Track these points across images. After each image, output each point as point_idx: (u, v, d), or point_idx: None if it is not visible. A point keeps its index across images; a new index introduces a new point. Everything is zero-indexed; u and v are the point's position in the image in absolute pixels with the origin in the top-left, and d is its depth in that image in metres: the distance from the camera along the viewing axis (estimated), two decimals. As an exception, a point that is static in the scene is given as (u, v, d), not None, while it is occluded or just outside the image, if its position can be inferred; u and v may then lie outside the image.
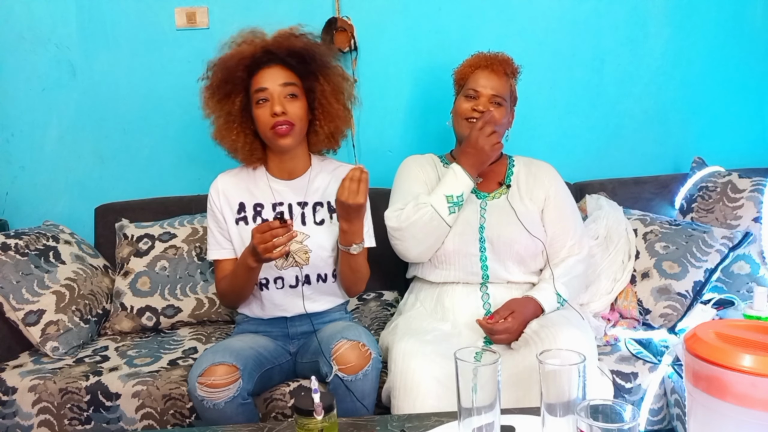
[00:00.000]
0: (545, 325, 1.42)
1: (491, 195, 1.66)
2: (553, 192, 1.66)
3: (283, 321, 1.58)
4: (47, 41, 2.15)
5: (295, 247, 1.51)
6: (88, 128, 2.20)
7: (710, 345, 0.81)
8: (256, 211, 1.55)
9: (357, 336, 1.38)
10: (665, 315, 1.68)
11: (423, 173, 1.70)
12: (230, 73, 1.49)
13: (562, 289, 1.55)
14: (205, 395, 1.31)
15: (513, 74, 1.69)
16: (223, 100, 1.52)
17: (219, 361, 1.33)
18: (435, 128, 2.14)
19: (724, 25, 2.19)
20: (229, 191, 1.57)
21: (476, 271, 1.58)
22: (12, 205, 2.24)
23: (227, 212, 1.55)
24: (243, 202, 1.56)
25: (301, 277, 1.53)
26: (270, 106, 1.46)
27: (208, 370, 1.32)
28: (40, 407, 1.56)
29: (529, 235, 1.58)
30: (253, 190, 1.57)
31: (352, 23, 2.11)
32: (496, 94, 1.62)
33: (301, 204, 1.56)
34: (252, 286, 1.52)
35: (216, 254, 1.57)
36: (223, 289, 1.57)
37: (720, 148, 2.22)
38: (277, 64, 1.49)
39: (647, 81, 2.22)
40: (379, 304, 1.99)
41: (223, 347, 1.40)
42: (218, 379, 1.31)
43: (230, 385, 1.32)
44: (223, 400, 1.31)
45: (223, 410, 1.32)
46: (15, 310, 1.72)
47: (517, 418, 1.09)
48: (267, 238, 1.32)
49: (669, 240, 1.79)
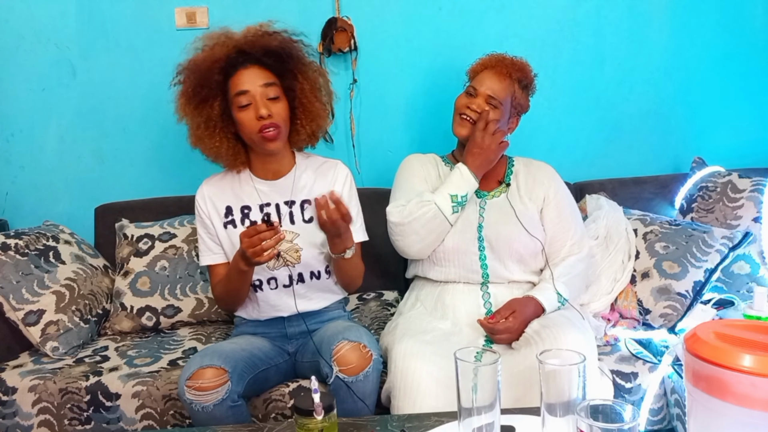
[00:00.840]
0: (546, 326, 1.42)
1: (490, 194, 1.66)
2: (553, 192, 1.66)
3: (281, 321, 1.58)
4: (47, 41, 2.15)
5: (286, 246, 1.50)
6: (87, 128, 2.20)
7: (710, 345, 0.81)
8: (244, 214, 1.54)
9: (358, 337, 1.37)
10: (665, 315, 1.68)
11: (424, 170, 1.70)
12: (205, 76, 1.44)
13: (563, 288, 1.55)
14: (194, 398, 1.31)
15: (521, 81, 1.65)
16: (200, 105, 1.47)
17: (207, 364, 1.33)
18: (435, 128, 2.14)
19: (725, 25, 2.19)
20: (215, 196, 1.56)
21: (476, 269, 1.58)
22: (12, 205, 2.24)
23: (215, 217, 1.55)
24: (230, 206, 1.55)
25: (294, 276, 1.53)
26: (254, 109, 1.42)
27: (196, 373, 1.32)
28: (40, 407, 1.56)
29: (528, 234, 1.58)
30: (238, 193, 1.55)
31: (352, 23, 2.11)
32: (492, 95, 1.60)
33: (288, 203, 1.55)
34: (247, 288, 1.52)
35: (208, 260, 1.57)
36: (219, 294, 1.57)
37: (720, 148, 2.22)
38: (253, 65, 1.44)
39: (647, 81, 2.22)
40: (379, 304, 1.99)
41: (212, 350, 1.39)
42: (206, 382, 1.31)
43: (218, 387, 1.31)
44: (211, 402, 1.31)
45: (213, 413, 1.31)
46: (15, 310, 1.72)
47: (517, 418, 1.09)
48: (255, 242, 1.32)
49: (669, 240, 1.79)
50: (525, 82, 1.67)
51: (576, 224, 1.67)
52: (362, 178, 2.19)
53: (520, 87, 1.65)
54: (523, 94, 1.67)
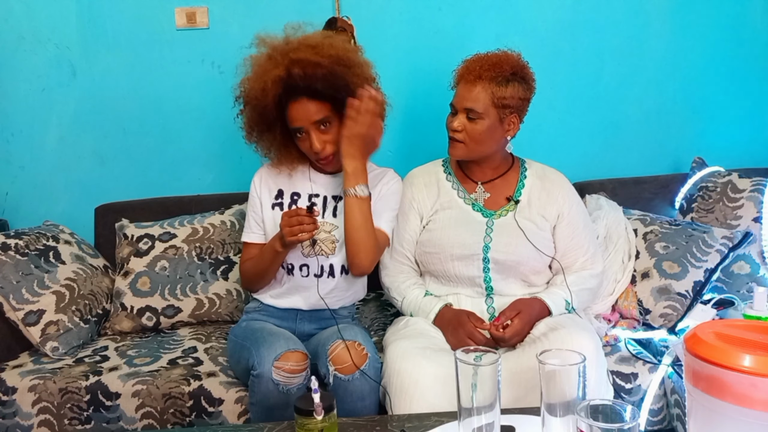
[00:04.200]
0: (554, 328, 1.40)
1: (497, 213, 1.59)
2: (567, 208, 1.60)
3: (293, 317, 1.59)
4: (47, 41, 2.15)
5: (323, 236, 1.53)
6: (88, 128, 2.20)
7: (710, 345, 0.81)
8: (293, 200, 1.59)
9: (353, 336, 1.40)
10: (665, 315, 1.68)
11: (417, 201, 1.64)
12: (262, 112, 1.49)
13: (573, 297, 1.54)
14: (282, 380, 1.33)
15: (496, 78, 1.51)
16: (264, 133, 1.54)
17: (293, 348, 1.37)
18: (435, 128, 2.13)
19: (724, 25, 2.19)
20: (271, 179, 1.61)
21: (480, 290, 1.57)
22: (12, 205, 2.24)
23: (265, 197, 1.60)
24: (282, 189, 1.60)
25: (326, 267, 1.55)
26: (308, 141, 1.48)
27: (284, 355, 1.35)
28: (40, 407, 1.56)
29: (537, 255, 1.54)
30: (293, 180, 1.60)
31: (352, 23, 2.11)
32: (469, 108, 1.51)
33: (336, 198, 1.58)
34: (274, 271, 1.55)
35: (247, 237, 1.62)
36: (246, 270, 1.60)
37: (720, 148, 2.22)
38: (303, 97, 1.45)
39: (647, 81, 2.22)
40: (379, 304, 1.99)
41: (287, 335, 1.45)
42: (294, 365, 1.35)
43: (302, 372, 1.36)
44: (295, 385, 1.35)
45: (292, 396, 1.33)
46: (15, 310, 1.71)
47: (517, 418, 1.09)
48: (293, 222, 1.36)
49: (669, 240, 1.79)
50: (502, 77, 1.50)
51: (589, 241, 1.63)
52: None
53: (497, 85, 1.50)
54: (508, 90, 1.51)
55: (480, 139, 1.54)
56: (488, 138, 1.55)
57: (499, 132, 1.56)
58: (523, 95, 1.55)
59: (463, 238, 1.56)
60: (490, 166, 1.63)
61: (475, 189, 1.63)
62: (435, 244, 1.58)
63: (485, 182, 1.63)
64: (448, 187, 1.65)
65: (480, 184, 1.63)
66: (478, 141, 1.54)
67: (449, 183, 1.66)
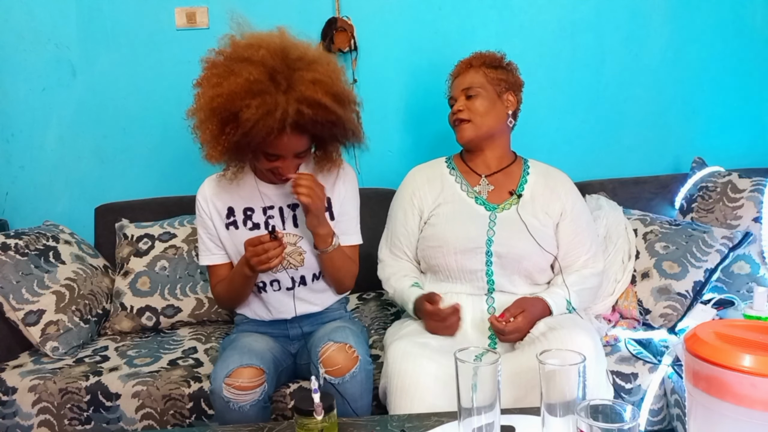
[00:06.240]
0: (553, 327, 1.40)
1: (500, 206, 1.60)
2: (570, 206, 1.61)
3: (284, 322, 1.58)
4: (47, 41, 2.15)
5: (289, 249, 1.48)
6: (88, 128, 2.21)
7: (710, 345, 0.81)
8: (246, 216, 1.51)
9: (344, 338, 1.36)
10: (665, 315, 1.68)
11: (417, 197, 1.65)
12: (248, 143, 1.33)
13: (573, 297, 1.54)
14: (232, 397, 1.30)
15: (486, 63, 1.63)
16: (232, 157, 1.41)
17: (246, 363, 1.32)
18: (435, 128, 2.14)
19: (724, 25, 2.19)
20: (217, 197, 1.51)
21: (482, 285, 1.56)
22: (12, 205, 2.24)
23: (216, 218, 1.51)
24: (232, 207, 1.51)
25: (297, 279, 1.52)
26: (279, 164, 1.38)
27: (235, 371, 1.31)
28: (40, 407, 1.56)
29: (539, 251, 1.54)
30: (241, 194, 1.51)
31: (352, 23, 2.11)
32: (466, 87, 1.61)
33: (291, 206, 1.52)
34: (249, 290, 1.52)
35: (207, 260, 1.54)
36: (219, 294, 1.56)
37: (720, 148, 2.22)
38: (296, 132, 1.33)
39: (647, 81, 2.22)
40: (379, 304, 1.99)
41: (246, 348, 1.37)
42: (245, 381, 1.30)
43: (257, 388, 1.31)
44: (248, 402, 1.30)
45: (246, 412, 1.31)
46: (15, 310, 1.72)
47: (517, 418, 1.09)
48: (259, 251, 1.32)
49: (669, 240, 1.79)
50: (491, 63, 1.63)
51: (591, 240, 1.63)
52: (362, 178, 2.18)
53: (488, 67, 1.63)
54: (499, 71, 1.63)
55: (483, 111, 1.60)
56: (491, 110, 1.61)
57: (499, 106, 1.62)
58: (513, 80, 1.65)
59: (466, 231, 1.56)
60: (495, 155, 1.64)
61: (478, 182, 1.64)
62: (438, 238, 1.58)
63: (489, 175, 1.64)
64: (452, 181, 1.66)
65: (484, 176, 1.64)
66: (482, 114, 1.60)
67: (452, 177, 1.67)
